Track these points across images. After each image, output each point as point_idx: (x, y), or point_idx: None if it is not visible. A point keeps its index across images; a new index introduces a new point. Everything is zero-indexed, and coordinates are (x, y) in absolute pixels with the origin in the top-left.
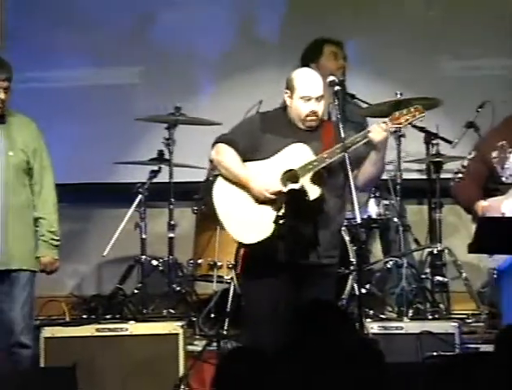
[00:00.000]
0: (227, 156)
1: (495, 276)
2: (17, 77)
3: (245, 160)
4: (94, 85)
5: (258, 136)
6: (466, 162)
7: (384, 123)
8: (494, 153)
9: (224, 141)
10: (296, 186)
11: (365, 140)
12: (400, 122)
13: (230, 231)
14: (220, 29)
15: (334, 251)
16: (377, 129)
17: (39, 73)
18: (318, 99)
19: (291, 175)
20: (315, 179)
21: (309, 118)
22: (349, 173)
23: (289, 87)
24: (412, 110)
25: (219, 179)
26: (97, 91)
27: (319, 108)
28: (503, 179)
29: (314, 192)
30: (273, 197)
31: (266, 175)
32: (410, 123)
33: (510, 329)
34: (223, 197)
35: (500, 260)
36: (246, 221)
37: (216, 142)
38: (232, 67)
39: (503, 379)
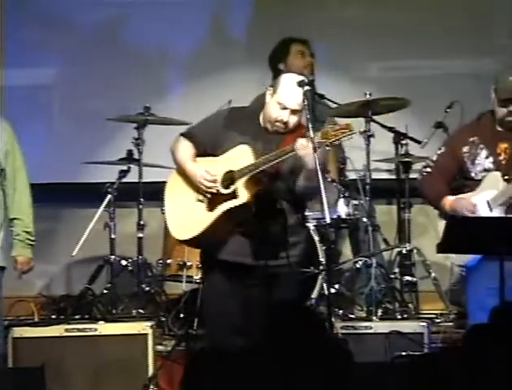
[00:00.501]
0: (180, 149)
1: (463, 273)
2: None
3: (205, 155)
4: (64, 85)
5: (221, 132)
6: (435, 157)
7: (311, 137)
8: (465, 149)
9: (184, 134)
10: (225, 191)
11: (292, 153)
12: (327, 138)
13: (168, 224)
14: (190, 30)
15: (280, 252)
16: (302, 143)
17: (9, 72)
18: (293, 112)
19: (229, 177)
20: (249, 184)
21: (277, 123)
22: (319, 173)
23: (273, 86)
24: (343, 127)
25: (173, 173)
26: (67, 90)
27: (291, 120)
28: (472, 174)
29: (243, 196)
30: (212, 185)
31: (211, 171)
32: (337, 140)
33: (477, 329)
34: (172, 191)
35: (466, 257)
36: (184, 217)
37: (180, 135)
38: (202, 68)
39: (470, 377)
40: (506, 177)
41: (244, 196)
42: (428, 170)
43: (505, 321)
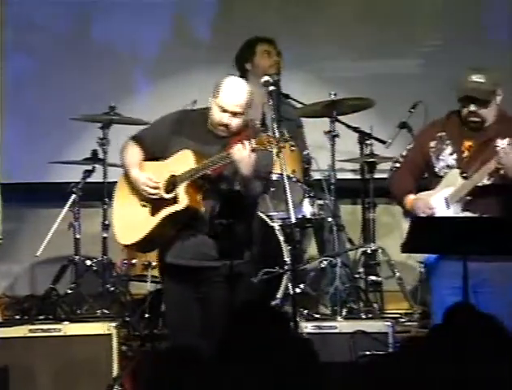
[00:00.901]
0: (128, 153)
1: (422, 270)
2: None
3: (153, 158)
4: (29, 84)
5: (169, 136)
6: (404, 152)
7: (248, 142)
8: (432, 143)
9: (133, 138)
10: (167, 196)
11: (228, 159)
12: (263, 144)
13: (114, 229)
14: (155, 30)
15: (213, 253)
16: (238, 148)
17: None
18: (234, 114)
19: (172, 182)
20: (190, 189)
21: (219, 127)
22: (284, 172)
23: (214, 90)
24: (279, 138)
25: (121, 176)
26: (32, 90)
27: (232, 123)
28: (436, 170)
29: (183, 201)
30: (155, 192)
31: (157, 176)
32: (269, 149)
33: (440, 328)
34: (120, 194)
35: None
36: (128, 221)
37: (129, 139)
38: (167, 68)
39: (434, 377)
40: (464, 175)
41: (184, 201)
42: (397, 165)
43: (465, 320)
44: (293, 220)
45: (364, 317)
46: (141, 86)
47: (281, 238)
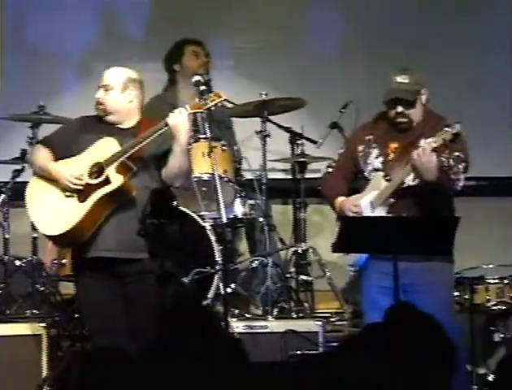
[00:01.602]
0: (39, 155)
1: (352, 273)
2: None
3: (62, 159)
4: None
5: (77, 136)
6: (337, 157)
7: (184, 108)
8: (360, 147)
9: (41, 142)
10: (96, 181)
11: (165, 128)
12: (199, 107)
13: (37, 225)
14: (85, 29)
15: (141, 245)
16: (175, 113)
17: None
18: (105, 88)
19: (97, 168)
20: (120, 170)
21: (96, 106)
22: (215, 172)
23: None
24: (212, 95)
25: (33, 178)
26: None
27: (103, 97)
28: (365, 174)
29: (117, 180)
30: (79, 182)
31: (74, 168)
32: (208, 108)
33: (370, 328)
34: (35, 194)
35: (355, 256)
36: (53, 214)
37: (37, 143)
38: (97, 66)
39: (364, 376)
40: (387, 177)
41: (118, 180)
42: (330, 170)
43: (397, 320)
44: (225, 220)
45: (295, 316)
46: (70, 85)
47: (212, 238)
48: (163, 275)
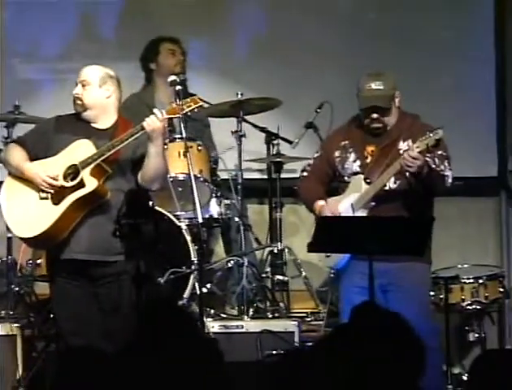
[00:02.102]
0: (13, 154)
1: (332, 275)
2: None
3: (37, 159)
4: None
5: (52, 135)
6: (311, 161)
7: (161, 113)
8: (337, 153)
9: (16, 141)
10: (70, 183)
11: (141, 132)
12: (176, 112)
13: (10, 226)
14: (60, 28)
15: (116, 247)
16: (151, 119)
17: None
18: (82, 83)
19: (72, 170)
20: (94, 173)
21: (74, 102)
22: (191, 172)
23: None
24: (188, 101)
25: (7, 178)
26: None
27: (82, 92)
28: (345, 178)
29: (91, 184)
30: (54, 183)
31: (49, 170)
32: (185, 114)
33: (342, 328)
34: (9, 195)
35: (336, 259)
36: (27, 216)
37: (11, 142)
38: (72, 66)
39: (335, 376)
40: (368, 180)
41: (92, 184)
42: (305, 174)
43: (369, 320)
44: (200, 220)
45: (271, 316)
46: (45, 85)
47: (188, 238)
48: (138, 276)
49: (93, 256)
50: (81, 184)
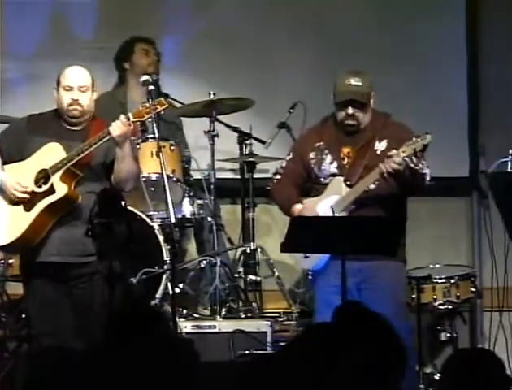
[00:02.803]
0: None
1: (310, 277)
2: None
3: (11, 162)
4: None
5: (24, 137)
6: (284, 163)
7: (126, 118)
8: (311, 154)
9: None
10: (41, 189)
11: (108, 137)
12: (142, 116)
13: None
14: (33, 28)
15: (89, 249)
16: (117, 124)
17: None
18: (81, 89)
19: (43, 175)
20: (65, 178)
21: (71, 107)
22: (164, 172)
23: (56, 82)
24: (154, 103)
25: None
26: None
27: (82, 97)
28: (321, 180)
29: (61, 190)
30: (25, 196)
31: (21, 175)
32: (151, 117)
33: (314, 328)
34: None
35: (314, 261)
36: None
37: None
38: (45, 66)
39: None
40: (348, 183)
41: (62, 190)
42: (278, 177)
43: (343, 319)
44: (173, 220)
45: (243, 316)
46: (16, 85)
47: (161, 238)
48: (111, 275)
49: (67, 258)
50: (52, 190)
